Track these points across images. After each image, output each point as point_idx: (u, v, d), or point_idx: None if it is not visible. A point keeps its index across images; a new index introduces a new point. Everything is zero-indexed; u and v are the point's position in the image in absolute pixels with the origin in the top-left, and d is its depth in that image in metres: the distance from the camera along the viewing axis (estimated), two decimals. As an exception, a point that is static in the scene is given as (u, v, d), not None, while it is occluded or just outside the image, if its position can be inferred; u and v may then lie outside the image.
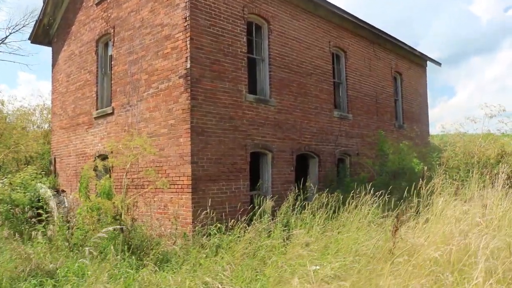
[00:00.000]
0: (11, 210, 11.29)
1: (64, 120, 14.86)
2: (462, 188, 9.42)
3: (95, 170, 12.29)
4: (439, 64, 21.25)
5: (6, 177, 12.03)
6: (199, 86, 10.03)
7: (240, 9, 11.15)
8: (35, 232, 9.64)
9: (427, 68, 21.08)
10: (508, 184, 9.46)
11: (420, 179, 9.49)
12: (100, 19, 13.19)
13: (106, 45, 13.20)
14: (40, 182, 12.90)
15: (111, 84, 12.55)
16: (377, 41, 16.93)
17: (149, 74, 11.09)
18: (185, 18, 10.01)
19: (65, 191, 13.79)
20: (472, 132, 14.93)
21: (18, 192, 11.72)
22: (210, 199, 9.91)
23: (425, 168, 10.47)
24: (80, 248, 8.78)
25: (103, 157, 12.53)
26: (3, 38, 25.49)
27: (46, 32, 15.82)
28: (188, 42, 9.96)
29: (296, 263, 6.63)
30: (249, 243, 7.56)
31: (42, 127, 18.32)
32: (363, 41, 16.20)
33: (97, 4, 13.35)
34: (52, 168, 15.07)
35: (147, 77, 11.16)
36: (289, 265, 6.60)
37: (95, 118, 13.11)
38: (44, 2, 15.07)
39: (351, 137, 14.89)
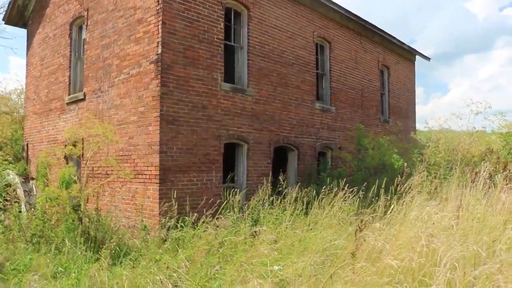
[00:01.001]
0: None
1: (37, 105, 14.35)
2: (440, 186, 9.09)
3: (65, 158, 11.88)
4: (428, 58, 20.89)
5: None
6: (171, 73, 9.57)
7: (218, -7, 10.66)
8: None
9: (416, 63, 20.69)
10: (488, 184, 9.15)
11: (399, 176, 9.17)
12: (74, 1, 12.65)
13: (80, 28, 12.67)
14: (8, 169, 12.40)
15: (84, 69, 12.05)
16: (364, 34, 16.51)
17: (120, 59, 10.61)
18: (158, 1, 9.53)
19: (34, 179, 13.30)
20: (457, 129, 14.60)
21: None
22: (179, 191, 9.51)
23: (405, 164, 10.10)
24: (39, 239, 8.38)
25: (74, 145, 12.05)
26: None
27: (21, 14, 15.23)
28: (160, 26, 9.48)
29: (258, 262, 6.26)
30: (215, 237, 7.16)
31: (19, 112, 17.75)
32: (350, 33, 15.77)
33: (71, -15, 12.81)
34: (24, 154, 14.57)
35: (118, 62, 10.68)
36: (250, 264, 6.22)
37: (67, 103, 12.61)
38: (19, -18, 14.47)
39: (334, 130, 14.51)
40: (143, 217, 9.20)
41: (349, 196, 8.41)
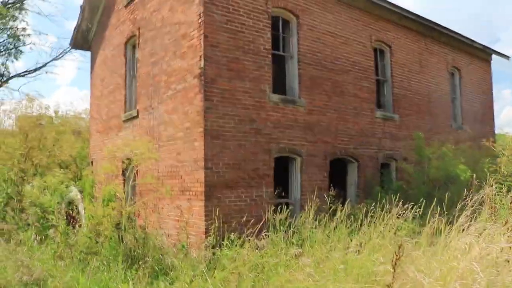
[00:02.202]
0: (42, 213, 11.23)
1: (99, 124, 14.80)
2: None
3: (123, 174, 12.04)
4: (506, 57, 19.11)
5: (35, 180, 12.03)
6: (215, 87, 9.33)
7: (263, 2, 10.32)
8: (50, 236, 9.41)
9: (492, 62, 19.00)
10: None
11: (465, 190, 8.21)
12: (128, 21, 12.93)
13: (134, 47, 12.89)
14: (72, 185, 12.80)
15: (137, 86, 12.21)
16: (429, 34, 15.39)
17: (168, 75, 10.59)
18: (199, 14, 9.37)
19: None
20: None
21: (45, 195, 11.64)
22: (226, 208, 9.19)
23: (474, 176, 9.03)
24: (85, 256, 8.41)
25: (130, 161, 12.19)
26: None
27: (85, 38, 15.89)
28: (202, 40, 9.31)
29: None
30: (248, 259, 6.71)
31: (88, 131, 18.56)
32: (412, 34, 14.76)
33: (125, 6, 13.10)
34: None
35: (166, 79, 10.66)
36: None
37: (123, 121, 12.84)
38: (81, 8, 15.10)
39: (397, 139, 13.54)
40: (189, 235, 8.97)
41: (404, 214, 7.58)
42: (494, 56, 19.03)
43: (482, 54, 18.32)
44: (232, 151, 9.47)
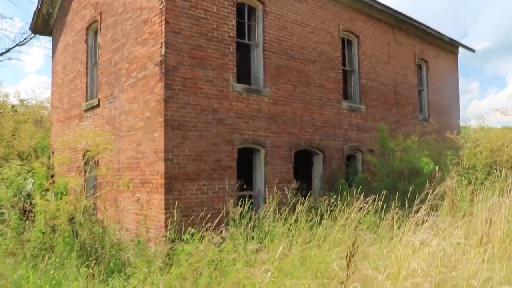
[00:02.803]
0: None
1: (60, 113, 14.27)
2: (474, 195, 7.99)
3: (86, 164, 11.64)
4: (472, 50, 19.34)
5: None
6: (176, 75, 9.03)
7: (228, -11, 10.03)
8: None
9: (459, 56, 19.19)
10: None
11: (428, 182, 8.18)
12: (89, 5, 12.43)
13: (96, 33, 12.41)
14: (30, 177, 12.30)
15: (98, 74, 11.78)
16: (398, 26, 15.37)
17: (129, 63, 10.22)
18: (161, -1, 9.02)
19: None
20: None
21: (1, 188, 11.14)
22: (187, 200, 8.96)
23: (437, 168, 9.03)
24: (39, 252, 8.04)
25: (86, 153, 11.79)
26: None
27: (46, 22, 15.26)
28: (163, 26, 8.97)
29: (249, 284, 5.55)
30: (205, 255, 6.51)
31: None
32: (381, 25, 14.71)
33: (87, -10, 12.59)
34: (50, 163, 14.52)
35: (127, 66, 10.28)
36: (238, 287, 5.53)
37: (84, 110, 12.39)
38: (41, -9, 14.47)
39: (364, 131, 13.50)
40: (149, 229, 8.70)
41: (366, 206, 7.49)
42: (462, 50, 19.24)
43: (449, 47, 18.46)
44: (194, 142, 9.21)
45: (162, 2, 9.01)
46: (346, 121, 12.93)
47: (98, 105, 11.53)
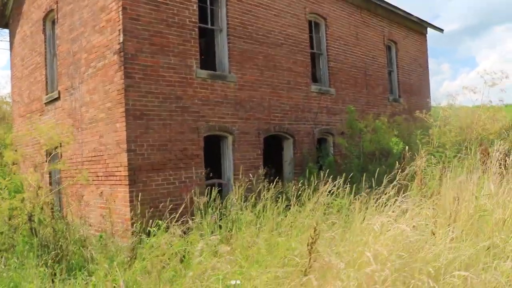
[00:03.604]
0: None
1: (21, 108, 13.76)
2: (443, 173, 7.94)
3: (49, 159, 11.23)
4: (440, 30, 19.40)
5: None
6: (136, 63, 8.70)
7: (187, -28, 9.69)
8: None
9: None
10: (502, 167, 7.98)
11: (397, 162, 8.10)
12: (45, -6, 11.91)
13: (53, 22, 11.91)
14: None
15: (57, 65, 11.33)
16: (365, 7, 15.24)
17: (88, 53, 9.82)
18: (116, -16, 8.64)
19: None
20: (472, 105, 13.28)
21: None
22: (153, 192, 8.70)
23: (406, 148, 8.97)
24: (1, 253, 7.70)
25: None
26: None
27: (2, 13, 14.62)
28: (120, 13, 8.60)
29: (214, 275, 5.36)
30: (170, 247, 6.29)
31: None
32: (348, 7, 14.55)
33: (42, -22, 12.05)
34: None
35: (86, 56, 9.88)
36: (202, 279, 5.33)
37: (45, 104, 11.93)
38: (-6, -20, 13.83)
39: (335, 114, 13.38)
40: (115, 222, 8.44)
41: (334, 190, 7.36)
42: (433, 32, 19.28)
43: (418, 27, 18.45)
44: (157, 132, 8.93)
45: (117, -13, 8.64)
46: (316, 105, 12.79)
47: (58, 98, 11.10)
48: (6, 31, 15.12)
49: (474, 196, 6.19)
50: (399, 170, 7.84)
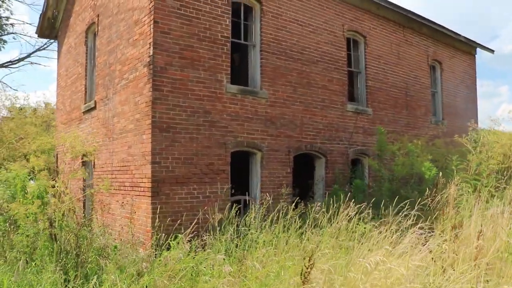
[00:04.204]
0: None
1: (63, 116, 14.24)
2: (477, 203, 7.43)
3: (84, 166, 11.53)
4: (491, 51, 18.56)
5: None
6: (165, 76, 8.77)
7: (221, -13, 9.74)
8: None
9: (473, 54, 18.40)
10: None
11: (428, 189, 7.71)
12: (89, 7, 12.33)
13: (94, 35, 12.29)
14: (31, 179, 12.22)
15: (96, 76, 11.65)
16: (409, 25, 14.81)
17: (122, 64, 10.03)
18: (150, -2, 8.79)
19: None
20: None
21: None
22: (176, 205, 8.68)
23: (440, 174, 8.51)
24: (22, 256, 7.87)
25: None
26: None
27: (52, 26, 15.29)
28: (152, 26, 8.73)
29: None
30: (178, 263, 6.19)
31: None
32: (390, 25, 14.18)
33: (87, -8, 12.51)
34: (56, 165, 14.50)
35: (120, 68, 10.10)
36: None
37: (83, 112, 12.28)
38: (46, -6, 14.49)
39: (371, 134, 12.98)
40: (137, 233, 8.46)
41: (355, 215, 7.05)
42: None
43: (466, 47, 17.73)
44: (184, 145, 8.93)
45: (151, 2, 8.78)
46: (352, 124, 12.46)
47: (94, 107, 11.39)
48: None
49: (504, 231, 5.75)
50: (429, 198, 7.45)
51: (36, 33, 15.62)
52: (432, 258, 4.97)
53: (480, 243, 5.12)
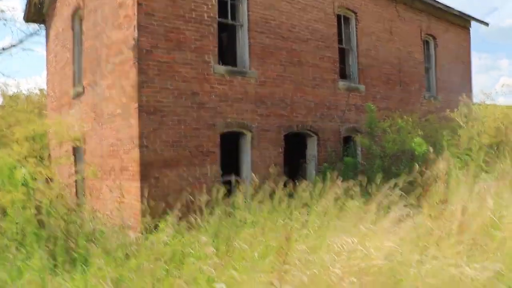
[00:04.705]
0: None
1: (54, 102, 14.15)
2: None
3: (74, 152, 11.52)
4: (486, 24, 18.34)
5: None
6: (150, 58, 8.67)
7: (206, -34, 9.55)
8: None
9: (468, 28, 18.15)
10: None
11: (418, 165, 7.65)
12: (74, -9, 12.13)
13: (81, 19, 12.11)
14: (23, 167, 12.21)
15: (83, 61, 11.53)
16: (400, 0, 14.58)
17: (108, 48, 9.91)
18: (132, -20, 8.62)
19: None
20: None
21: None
22: (165, 188, 8.65)
23: (431, 150, 8.45)
24: (14, 243, 7.89)
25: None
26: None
27: (39, 11, 15.06)
28: (136, 8, 8.59)
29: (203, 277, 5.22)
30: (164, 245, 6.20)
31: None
32: (381, 0, 13.96)
33: (71, -25, 12.29)
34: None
35: (107, 52, 9.98)
36: (192, 280, 5.20)
37: (72, 98, 12.19)
38: (31, -22, 14.24)
39: (364, 111, 12.84)
40: (128, 217, 8.47)
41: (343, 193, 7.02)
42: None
43: (460, 21, 17.49)
44: (172, 128, 8.87)
45: (134, -17, 8.62)
46: (343, 102, 12.36)
47: (83, 92, 11.30)
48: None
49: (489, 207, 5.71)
50: (419, 174, 7.40)
51: (23, 18, 15.40)
52: (415, 236, 4.95)
53: (464, 218, 5.10)
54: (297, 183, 8.39)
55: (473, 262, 4.48)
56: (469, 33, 18.20)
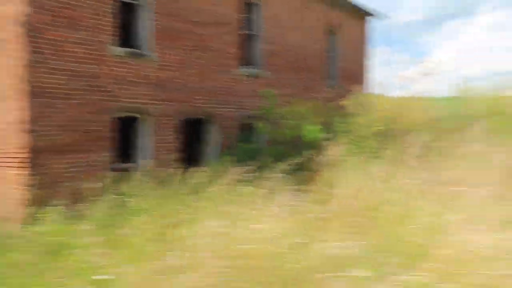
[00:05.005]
0: None
1: None
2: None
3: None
4: (384, 17, 19.34)
5: None
6: (40, 36, 8.09)
7: None
8: None
9: (368, 21, 19.02)
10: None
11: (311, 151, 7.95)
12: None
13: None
14: None
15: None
16: (306, -10, 14.91)
17: (-8, 22, 9.06)
18: (19, -50, 7.93)
19: None
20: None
21: None
22: (53, 175, 8.20)
23: (324, 137, 8.81)
24: None
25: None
26: None
27: None
28: (23, -19, 7.93)
29: (87, 268, 5.06)
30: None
31: None
32: (288, -11, 14.17)
33: None
34: None
35: (-8, 26, 9.13)
36: (75, 273, 5.03)
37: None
38: None
39: (267, 98, 13.06)
40: (10, 207, 7.93)
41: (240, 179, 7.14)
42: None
43: (359, 14, 18.25)
44: (63, 111, 8.39)
45: (21, -47, 7.94)
46: (245, 88, 12.45)
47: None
48: None
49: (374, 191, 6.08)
50: (311, 160, 7.68)
51: None
52: (300, 219, 5.13)
53: (349, 202, 5.40)
54: (196, 169, 8.38)
55: (350, 241, 4.74)
56: (368, 25, 19.04)
